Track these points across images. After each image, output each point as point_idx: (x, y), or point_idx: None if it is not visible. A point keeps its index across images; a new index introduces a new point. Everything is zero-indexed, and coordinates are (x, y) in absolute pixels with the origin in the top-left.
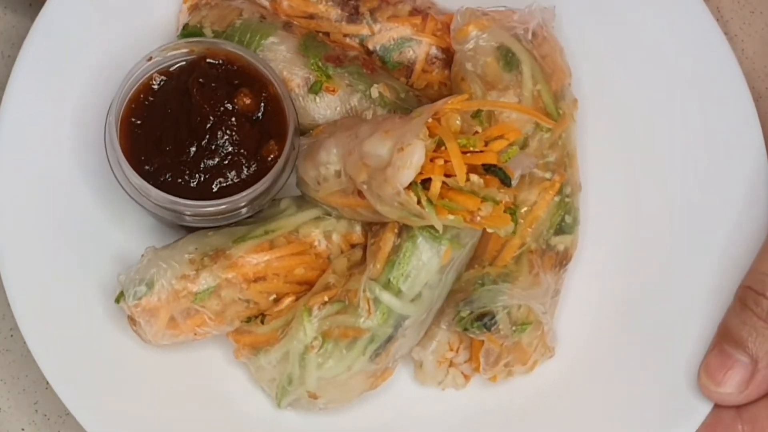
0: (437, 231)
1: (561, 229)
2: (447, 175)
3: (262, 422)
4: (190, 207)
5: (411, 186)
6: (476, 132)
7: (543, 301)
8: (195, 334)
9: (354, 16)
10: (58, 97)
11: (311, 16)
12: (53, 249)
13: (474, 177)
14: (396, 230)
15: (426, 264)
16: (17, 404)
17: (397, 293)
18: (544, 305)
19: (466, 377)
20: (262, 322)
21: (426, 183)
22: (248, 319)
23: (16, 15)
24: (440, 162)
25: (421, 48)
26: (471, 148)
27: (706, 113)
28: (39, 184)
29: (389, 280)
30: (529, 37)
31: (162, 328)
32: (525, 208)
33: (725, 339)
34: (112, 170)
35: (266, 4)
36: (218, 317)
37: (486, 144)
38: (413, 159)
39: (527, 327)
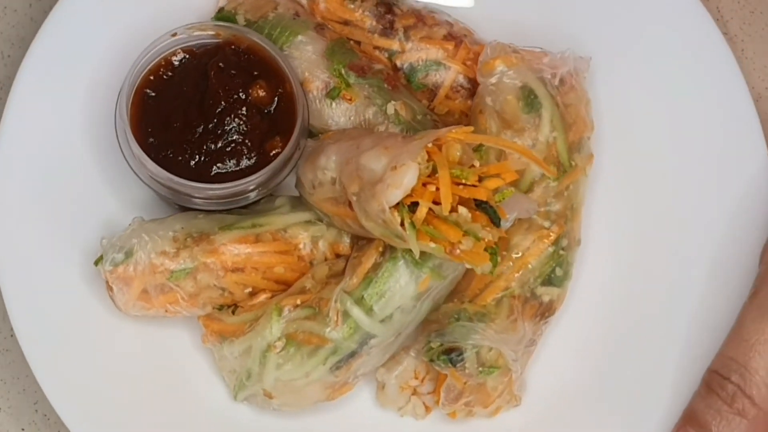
0: (419, 257)
1: (549, 281)
2: (435, 203)
3: (217, 411)
4: (183, 186)
5: (398, 206)
6: (473, 165)
7: (516, 348)
8: (166, 311)
9: (388, 30)
10: (77, 64)
11: (346, 23)
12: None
13: (462, 210)
14: (380, 249)
15: (402, 288)
16: (17, 404)
17: (368, 311)
18: (516, 352)
19: (428, 408)
20: (233, 313)
21: (414, 206)
22: (220, 307)
23: (16, 15)
24: (431, 188)
25: (448, 74)
26: (464, 181)
27: (726, 189)
28: (48, 159)
29: (363, 296)
30: (556, 82)
31: (133, 299)
32: (517, 253)
33: (690, 422)
34: (117, 138)
35: (303, 2)
36: (191, 299)
37: (480, 180)
38: (404, 179)
39: (494, 371)
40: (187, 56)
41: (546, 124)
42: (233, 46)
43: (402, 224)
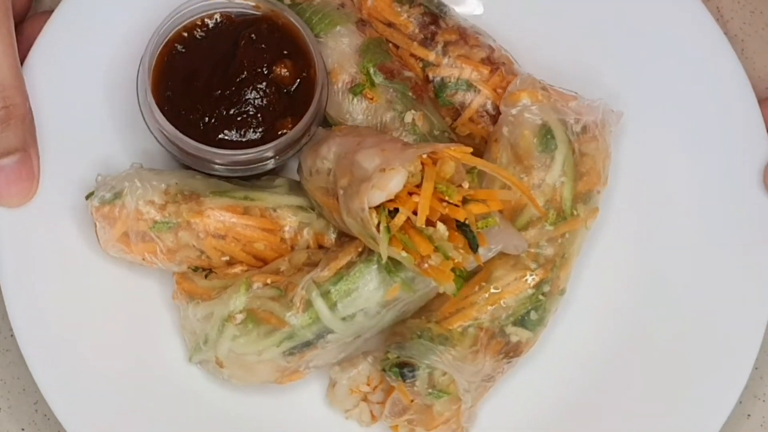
0: (393, 265)
1: (522, 322)
2: (416, 213)
3: (171, 369)
4: (184, 143)
5: (378, 209)
6: (460, 186)
7: (471, 379)
8: (143, 259)
9: (428, 40)
10: (109, 7)
11: (390, 24)
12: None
13: (441, 227)
14: (359, 249)
15: (370, 291)
16: (17, 404)
17: (332, 305)
18: (470, 383)
19: (374, 417)
20: (206, 277)
21: (395, 212)
22: (195, 268)
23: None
24: (415, 198)
25: (477, 97)
26: (447, 198)
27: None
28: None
29: (330, 290)
30: (578, 129)
31: (113, 239)
32: (496, 287)
33: None
34: (137, 84)
35: (355, 5)
36: (169, 254)
37: (465, 202)
38: (390, 183)
39: (444, 396)
40: (224, 21)
41: (557, 168)
42: (270, 22)
43: (378, 227)
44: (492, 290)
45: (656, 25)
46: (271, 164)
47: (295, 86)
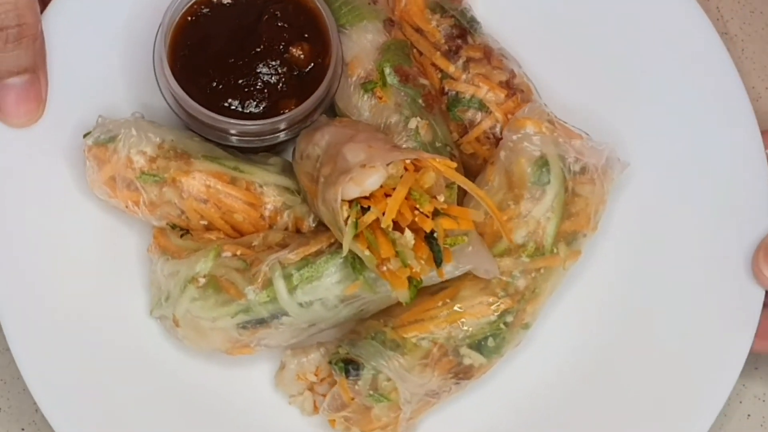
0: (359, 263)
1: (478, 347)
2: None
3: (132, 321)
4: (186, 102)
5: (352, 203)
6: (435, 198)
7: (414, 391)
8: (126, 207)
9: (452, 53)
10: None
11: (418, 29)
12: None
13: (408, 234)
14: (332, 240)
15: (332, 284)
16: (17, 404)
17: (291, 289)
18: (412, 395)
19: (316, 408)
20: (181, 236)
21: (367, 210)
22: (173, 226)
23: None
24: (398, 199)
25: (487, 119)
26: (418, 206)
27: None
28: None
29: (293, 274)
30: (576, 168)
31: (100, 181)
32: (460, 307)
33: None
34: (155, 39)
35: (388, 4)
36: (151, 206)
37: (437, 214)
38: (367, 180)
39: (383, 401)
40: None
41: (546, 202)
42: (297, 3)
43: (347, 220)
44: (455, 308)
45: (681, 84)
46: (276, 138)
47: (307, 70)
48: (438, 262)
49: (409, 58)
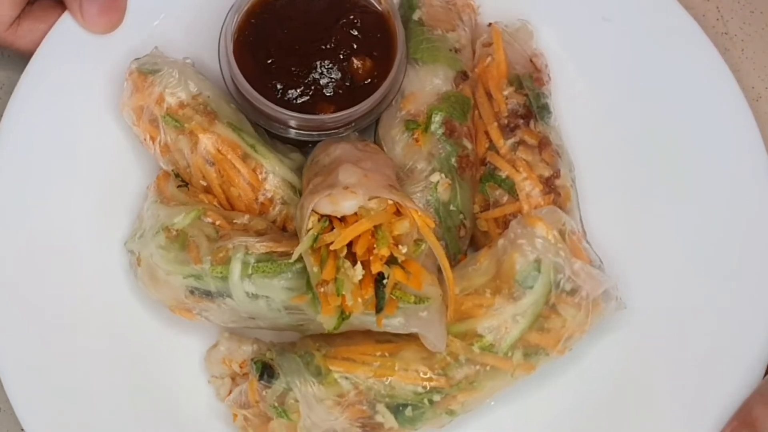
0: (316, 280)
1: (395, 410)
2: (349, 244)
3: (101, 251)
4: (238, 77)
5: (321, 218)
6: (397, 246)
7: (316, 421)
8: (144, 140)
9: (508, 129)
10: None
11: (488, 93)
12: None
13: (359, 267)
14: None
15: (282, 287)
16: None
17: (244, 275)
18: (313, 425)
19: (228, 394)
20: (178, 187)
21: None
22: (177, 175)
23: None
24: (357, 230)
25: (511, 205)
26: (374, 246)
27: None
28: None
29: (251, 263)
30: (567, 286)
31: (130, 105)
32: (394, 364)
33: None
34: (226, 15)
35: (475, 50)
36: (164, 148)
37: (393, 262)
38: (343, 202)
39: (284, 417)
40: None
41: (521, 306)
42: (380, 20)
43: (309, 230)
44: (390, 364)
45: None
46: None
47: (360, 85)
48: (378, 308)
49: (465, 116)
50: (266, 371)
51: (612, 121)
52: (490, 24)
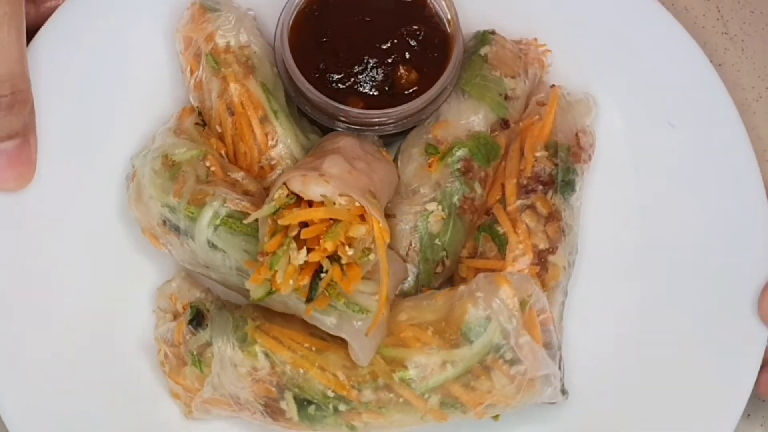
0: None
1: (300, 403)
2: (303, 223)
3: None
4: (289, 62)
5: (290, 194)
6: (345, 247)
7: (224, 382)
8: (184, 70)
9: (524, 190)
10: None
11: (521, 149)
12: None
13: (303, 251)
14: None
15: (242, 248)
16: None
17: (212, 224)
18: (219, 385)
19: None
20: (196, 123)
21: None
22: (200, 113)
23: None
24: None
25: (497, 262)
26: (321, 237)
27: None
28: None
29: (223, 216)
30: (508, 355)
31: (183, 32)
32: (316, 360)
33: None
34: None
35: (520, 111)
36: (198, 84)
37: (337, 260)
38: (312, 185)
39: (196, 367)
40: (418, 2)
41: (456, 355)
42: (442, 39)
43: (272, 200)
44: (312, 358)
45: None
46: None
47: (398, 93)
48: (309, 297)
49: (487, 161)
50: (197, 318)
51: (637, 226)
52: (553, 85)
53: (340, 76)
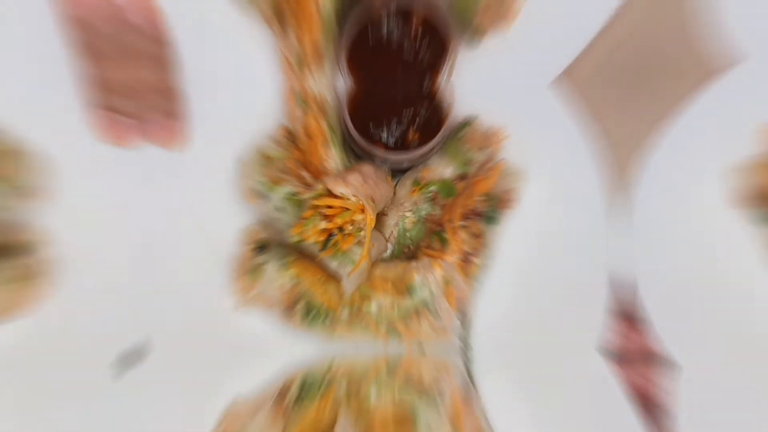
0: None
1: (306, 310)
2: (328, 206)
3: None
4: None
5: (324, 189)
6: (348, 224)
7: (267, 288)
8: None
9: (465, 218)
10: None
11: (471, 194)
12: None
13: (324, 222)
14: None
15: (291, 215)
16: None
17: (281, 198)
18: (265, 289)
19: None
20: (286, 136)
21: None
22: (288, 131)
23: None
24: (329, 202)
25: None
26: (340, 218)
27: None
28: None
29: (287, 196)
30: (433, 310)
31: None
32: (322, 288)
33: None
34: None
35: (477, 168)
36: (290, 112)
37: (341, 229)
38: (336, 186)
39: (252, 277)
40: None
41: (403, 301)
42: (442, 119)
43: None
44: (319, 282)
45: None
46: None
47: (405, 145)
48: (322, 248)
49: (448, 196)
50: (261, 248)
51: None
52: (501, 159)
53: (377, 131)
